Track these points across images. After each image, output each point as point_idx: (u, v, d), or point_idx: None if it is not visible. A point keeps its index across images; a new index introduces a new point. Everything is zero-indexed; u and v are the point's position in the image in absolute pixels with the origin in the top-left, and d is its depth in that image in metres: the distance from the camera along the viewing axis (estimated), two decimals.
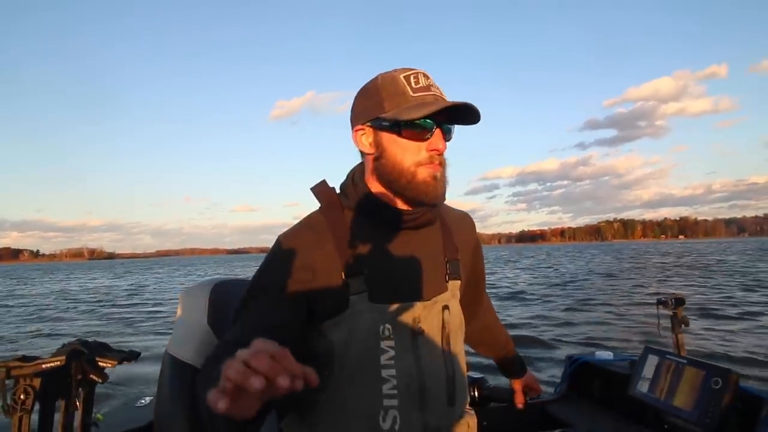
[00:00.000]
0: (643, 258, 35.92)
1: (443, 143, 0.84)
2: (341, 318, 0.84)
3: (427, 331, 0.87)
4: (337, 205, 0.91)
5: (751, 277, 16.17)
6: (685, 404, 1.34)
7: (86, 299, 17.32)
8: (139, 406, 1.70)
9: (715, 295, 11.43)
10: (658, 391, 1.44)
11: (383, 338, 0.84)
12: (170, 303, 14.15)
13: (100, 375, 1.30)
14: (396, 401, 0.83)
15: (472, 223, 1.07)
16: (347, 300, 0.84)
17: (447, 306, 0.91)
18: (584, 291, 13.18)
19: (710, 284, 14.28)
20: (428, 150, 0.83)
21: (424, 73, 0.84)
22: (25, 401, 1.15)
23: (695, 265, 24.14)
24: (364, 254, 0.86)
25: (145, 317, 11.37)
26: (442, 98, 0.83)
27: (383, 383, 0.83)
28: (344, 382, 0.84)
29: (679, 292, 1.93)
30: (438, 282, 0.92)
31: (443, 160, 0.86)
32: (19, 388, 1.14)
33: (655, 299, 1.91)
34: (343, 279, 0.84)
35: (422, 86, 0.84)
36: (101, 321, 11.17)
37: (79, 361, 1.25)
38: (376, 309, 0.84)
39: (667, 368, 1.45)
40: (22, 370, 1.15)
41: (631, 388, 1.56)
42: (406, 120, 0.81)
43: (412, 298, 0.87)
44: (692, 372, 1.36)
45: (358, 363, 0.84)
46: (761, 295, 11.17)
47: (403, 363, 0.84)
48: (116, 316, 11.97)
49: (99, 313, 13.04)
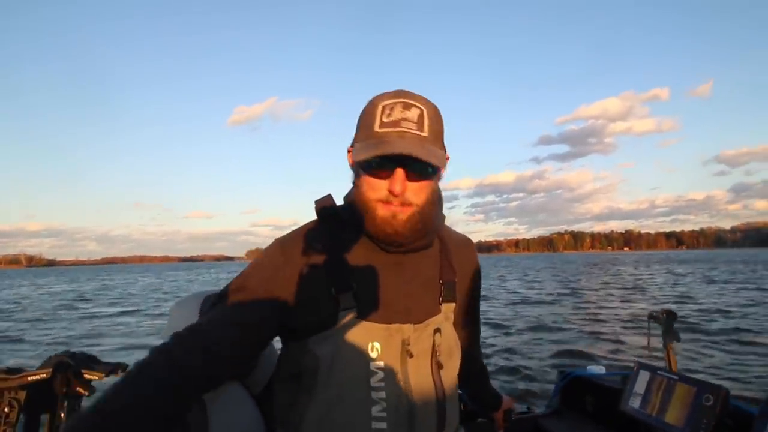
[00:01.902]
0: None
1: (400, 185, 0.78)
2: (328, 333, 0.83)
3: (417, 354, 0.85)
4: (333, 219, 0.89)
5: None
6: (676, 420, 1.34)
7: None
8: None
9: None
10: (649, 407, 1.44)
11: (372, 359, 0.82)
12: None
13: (86, 388, 1.27)
14: (385, 424, 0.81)
15: (473, 248, 1.05)
16: (335, 315, 0.82)
17: (439, 329, 0.89)
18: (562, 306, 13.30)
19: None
20: (388, 189, 0.80)
21: (404, 103, 0.81)
22: (9, 414, 1.13)
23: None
24: (355, 271, 0.85)
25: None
26: (410, 135, 0.79)
27: (373, 404, 0.81)
28: (332, 401, 0.82)
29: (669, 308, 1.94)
30: (431, 304, 0.91)
31: (405, 200, 0.80)
32: (4, 401, 1.12)
33: (647, 313, 1.92)
34: (332, 294, 0.83)
35: (392, 120, 0.79)
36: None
37: (66, 373, 1.23)
38: (365, 327, 0.83)
39: (658, 384, 1.45)
40: (6, 383, 1.13)
41: (622, 404, 1.56)
42: (357, 161, 0.81)
43: (403, 319, 0.85)
44: (683, 388, 1.36)
45: (347, 382, 0.82)
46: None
47: (392, 385, 0.83)
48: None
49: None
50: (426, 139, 0.80)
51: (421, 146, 0.78)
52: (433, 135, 0.82)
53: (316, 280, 0.84)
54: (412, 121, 0.80)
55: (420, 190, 0.82)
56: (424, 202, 0.83)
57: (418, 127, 0.80)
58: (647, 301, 14.01)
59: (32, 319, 13.95)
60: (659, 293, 16.43)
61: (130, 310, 15.97)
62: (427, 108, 0.82)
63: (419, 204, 0.82)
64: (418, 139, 0.80)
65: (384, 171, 0.80)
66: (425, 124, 0.81)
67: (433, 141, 0.82)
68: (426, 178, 0.82)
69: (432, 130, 0.82)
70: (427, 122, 0.81)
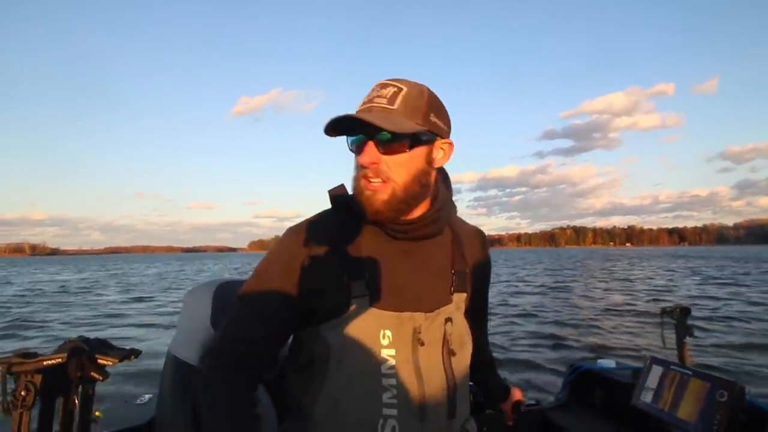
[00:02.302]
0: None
1: (364, 156, 0.80)
2: (340, 320, 0.83)
3: (428, 342, 0.86)
4: (346, 208, 0.89)
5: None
6: (689, 416, 1.33)
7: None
8: (138, 403, 1.69)
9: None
10: (661, 402, 1.43)
11: (384, 346, 0.83)
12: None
13: (100, 373, 1.29)
14: (395, 411, 0.82)
15: (484, 240, 1.05)
16: (347, 303, 0.83)
17: (450, 318, 0.89)
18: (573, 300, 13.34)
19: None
20: (360, 163, 0.82)
21: (383, 83, 0.82)
22: (26, 397, 1.14)
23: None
24: (366, 259, 0.85)
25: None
26: (376, 108, 0.80)
27: (383, 392, 0.82)
28: (343, 388, 0.83)
29: (683, 303, 1.92)
30: (442, 294, 0.91)
31: (379, 173, 0.80)
32: (20, 385, 1.13)
33: (660, 308, 1.90)
34: (344, 281, 0.83)
35: (366, 99, 0.82)
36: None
37: (80, 358, 1.25)
38: (377, 315, 0.83)
39: (671, 379, 1.44)
40: (23, 367, 1.14)
41: (634, 398, 1.55)
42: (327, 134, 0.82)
43: (414, 308, 0.85)
44: (697, 384, 1.35)
45: (358, 369, 0.82)
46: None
47: (403, 373, 0.83)
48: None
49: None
50: (393, 111, 0.80)
51: (380, 116, 0.78)
52: (406, 109, 0.80)
53: (329, 268, 0.84)
54: (384, 97, 0.81)
55: (396, 164, 0.81)
56: (405, 179, 0.82)
57: (388, 102, 0.80)
58: (623, 293, 14.89)
59: (48, 303, 14.20)
60: (641, 287, 17.01)
61: (143, 296, 16.20)
62: (407, 87, 0.82)
63: (399, 181, 0.81)
64: (382, 111, 0.79)
65: (360, 149, 0.81)
66: (398, 99, 0.80)
67: (403, 114, 0.80)
68: (399, 151, 0.81)
69: (406, 105, 0.80)
70: (400, 98, 0.80)
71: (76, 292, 18.53)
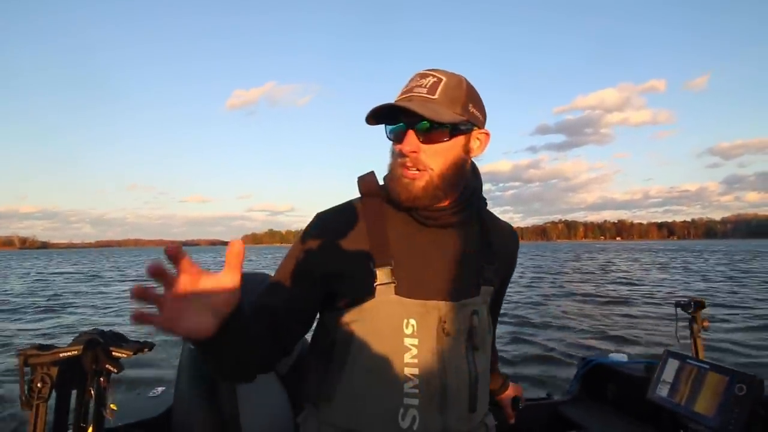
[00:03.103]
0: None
1: (407, 145, 0.80)
2: (364, 307, 0.83)
3: (454, 334, 0.85)
4: (375, 195, 0.90)
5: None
6: (706, 410, 1.31)
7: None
8: (152, 396, 1.70)
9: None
10: (678, 396, 1.42)
11: (407, 335, 0.82)
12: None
13: (115, 365, 1.29)
14: (417, 401, 0.81)
15: (515, 238, 1.04)
16: (373, 290, 0.82)
17: (477, 311, 0.89)
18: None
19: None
20: (399, 150, 0.82)
21: (422, 73, 0.83)
22: (42, 389, 1.14)
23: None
24: (394, 246, 0.85)
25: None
26: (417, 98, 0.81)
27: (405, 381, 0.81)
28: (364, 374, 0.83)
29: (698, 296, 1.90)
30: (470, 285, 0.90)
31: (418, 162, 0.81)
32: (36, 377, 1.14)
33: (674, 301, 1.88)
34: (370, 268, 0.83)
35: (406, 89, 0.83)
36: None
37: (95, 351, 1.25)
38: (402, 303, 0.82)
39: (688, 373, 1.42)
40: (39, 359, 1.14)
41: (649, 392, 1.53)
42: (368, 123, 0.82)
43: (441, 297, 0.85)
44: (715, 377, 1.33)
45: (380, 357, 0.82)
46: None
47: (426, 362, 0.82)
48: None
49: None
50: (434, 101, 0.80)
51: (422, 105, 0.79)
52: (446, 99, 0.81)
53: (355, 255, 0.84)
54: (424, 87, 0.81)
55: (435, 153, 0.82)
56: (443, 168, 0.82)
57: (429, 92, 0.81)
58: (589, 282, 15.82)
59: (55, 296, 14.33)
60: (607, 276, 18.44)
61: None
62: (447, 78, 0.83)
63: (436, 169, 0.82)
64: (424, 100, 0.80)
65: (400, 135, 0.82)
66: (439, 89, 0.81)
67: (444, 103, 0.81)
68: (438, 140, 0.81)
69: (446, 95, 0.81)
70: (441, 88, 0.81)
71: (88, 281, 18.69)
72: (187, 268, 0.56)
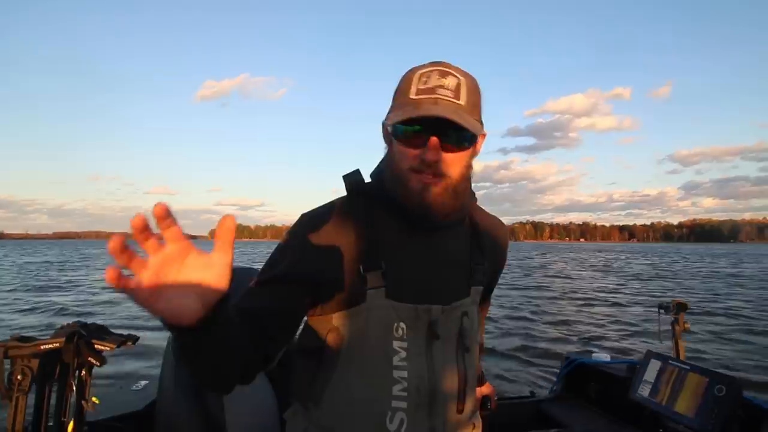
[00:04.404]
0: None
1: (434, 154, 0.75)
2: (354, 311, 0.81)
3: (444, 336, 0.84)
4: (363, 194, 0.87)
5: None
6: (686, 410, 1.34)
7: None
8: (134, 389, 1.68)
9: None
10: (659, 396, 1.44)
11: (396, 338, 0.81)
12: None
13: (97, 358, 1.27)
14: (405, 403, 0.80)
15: (505, 232, 1.02)
16: (364, 294, 0.80)
17: (467, 312, 0.88)
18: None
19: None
20: (420, 158, 0.76)
21: (441, 70, 0.78)
22: (21, 382, 1.12)
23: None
24: (384, 249, 0.83)
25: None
26: (445, 102, 0.75)
27: (393, 384, 0.80)
28: (353, 377, 0.82)
29: (680, 298, 1.93)
30: (460, 286, 0.88)
31: (438, 171, 0.76)
32: (17, 369, 1.12)
33: (657, 304, 1.91)
34: (360, 271, 0.81)
35: (427, 87, 0.77)
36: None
37: (77, 343, 1.23)
38: (392, 307, 0.81)
39: (669, 374, 1.45)
40: (19, 351, 1.12)
41: (632, 392, 1.56)
42: (389, 125, 0.78)
43: (432, 300, 0.84)
44: (695, 378, 1.36)
45: (369, 360, 0.81)
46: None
47: (415, 365, 0.81)
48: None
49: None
50: (462, 108, 0.77)
51: (457, 113, 0.75)
52: (470, 105, 0.78)
53: (344, 257, 0.82)
54: (448, 89, 0.77)
55: (455, 161, 0.78)
56: (459, 175, 0.79)
57: (454, 95, 0.77)
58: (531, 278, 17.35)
59: (35, 288, 14.04)
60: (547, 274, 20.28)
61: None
62: (465, 78, 0.79)
63: (453, 176, 0.78)
64: (455, 107, 0.76)
65: (418, 139, 0.77)
66: (462, 93, 0.78)
67: (469, 111, 0.78)
68: (461, 149, 0.78)
69: (469, 101, 0.78)
70: (464, 91, 0.78)
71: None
72: (175, 237, 0.49)
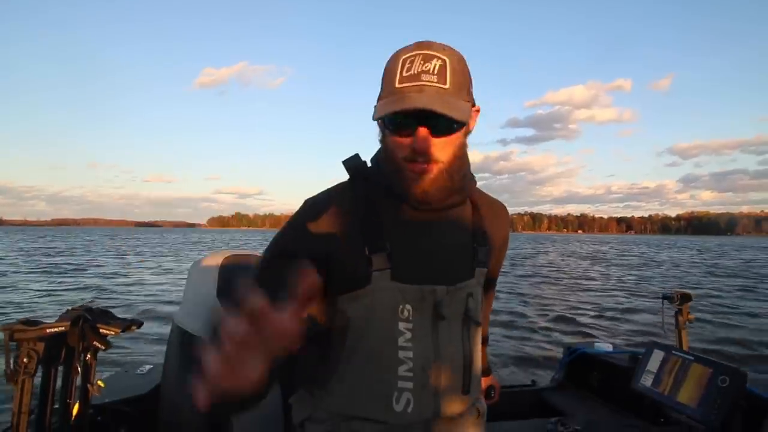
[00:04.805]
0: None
1: (423, 143, 0.75)
2: (360, 293, 0.81)
3: (449, 317, 0.85)
4: (364, 179, 0.87)
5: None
6: (689, 400, 1.34)
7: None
8: (139, 373, 1.69)
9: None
10: (662, 386, 1.45)
11: (402, 319, 0.82)
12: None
13: (102, 342, 1.28)
14: (411, 384, 0.81)
15: (506, 213, 1.02)
16: (369, 276, 0.81)
17: (471, 293, 0.88)
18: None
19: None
20: (411, 148, 0.76)
21: (425, 54, 0.76)
22: (27, 365, 1.13)
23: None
24: (388, 231, 0.83)
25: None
26: (430, 88, 0.75)
27: (399, 365, 0.81)
28: (359, 359, 0.82)
29: (685, 290, 1.93)
30: (464, 268, 0.89)
31: (430, 158, 0.77)
32: (23, 352, 1.13)
33: (661, 294, 1.91)
34: (365, 254, 0.81)
35: (411, 74, 0.75)
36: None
37: (82, 327, 1.24)
38: (398, 288, 0.81)
39: (672, 364, 1.45)
40: (25, 334, 1.13)
41: (634, 382, 1.56)
42: (377, 117, 0.77)
43: (436, 281, 0.84)
44: (699, 369, 1.36)
45: (375, 342, 0.82)
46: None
47: (420, 346, 0.82)
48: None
49: None
50: (447, 92, 0.76)
51: (442, 100, 0.74)
52: (455, 87, 0.77)
53: (349, 240, 0.82)
54: (432, 73, 0.76)
55: (445, 145, 0.78)
56: (451, 158, 0.79)
57: (439, 80, 0.76)
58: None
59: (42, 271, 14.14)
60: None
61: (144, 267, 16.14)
62: (449, 58, 0.78)
63: (445, 160, 0.79)
64: (439, 92, 0.75)
65: (407, 129, 0.77)
66: (447, 75, 0.76)
67: (455, 93, 0.77)
68: (450, 133, 0.78)
69: (455, 82, 0.77)
70: (449, 73, 0.77)
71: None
72: None
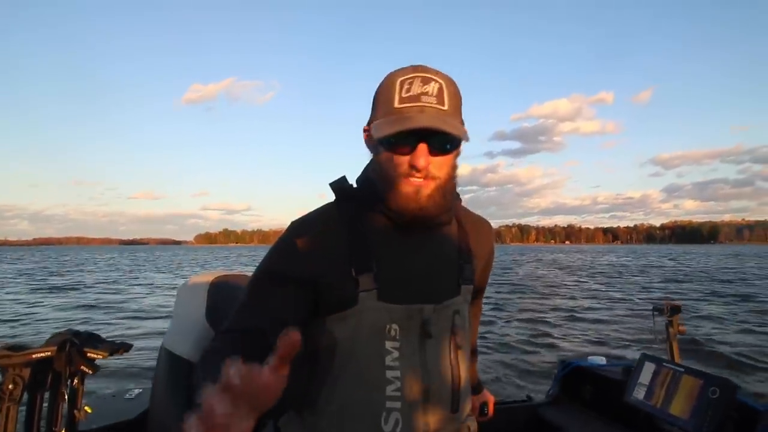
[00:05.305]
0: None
1: (423, 159, 0.78)
2: (347, 314, 0.82)
3: (436, 335, 0.85)
4: (350, 200, 0.88)
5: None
6: (681, 412, 1.34)
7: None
8: (128, 398, 1.66)
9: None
10: (654, 398, 1.45)
11: (389, 338, 0.82)
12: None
13: (90, 366, 1.26)
14: (399, 403, 0.81)
15: (489, 229, 1.04)
16: (356, 296, 0.82)
17: (458, 311, 0.89)
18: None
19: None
20: (410, 164, 0.79)
21: (423, 77, 0.80)
22: (13, 391, 1.11)
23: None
24: (375, 251, 0.84)
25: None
26: (431, 109, 0.78)
27: (387, 384, 0.81)
28: (347, 380, 0.82)
29: (675, 301, 1.94)
30: (451, 285, 0.90)
31: (428, 174, 0.79)
32: (8, 378, 1.11)
33: (651, 306, 1.92)
34: (352, 274, 0.82)
35: (411, 95, 0.79)
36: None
37: (69, 351, 1.22)
38: (385, 308, 0.82)
39: (664, 376, 1.45)
40: (10, 360, 1.11)
41: (626, 395, 1.56)
42: (378, 138, 0.80)
43: (423, 300, 0.85)
44: (690, 381, 1.37)
45: (363, 362, 0.82)
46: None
47: (408, 365, 0.82)
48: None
49: None
50: (447, 113, 0.80)
51: (443, 120, 0.78)
52: (453, 109, 0.81)
53: (336, 262, 0.83)
54: (431, 95, 0.79)
55: (442, 163, 0.81)
56: (446, 177, 0.82)
57: (438, 101, 0.79)
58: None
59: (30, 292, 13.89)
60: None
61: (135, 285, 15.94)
62: (445, 82, 0.82)
63: (441, 177, 0.81)
64: (439, 113, 0.79)
65: (406, 146, 0.79)
66: (445, 98, 0.80)
67: (453, 115, 0.81)
68: (448, 152, 0.81)
69: (452, 104, 0.81)
70: (447, 96, 0.81)
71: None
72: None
